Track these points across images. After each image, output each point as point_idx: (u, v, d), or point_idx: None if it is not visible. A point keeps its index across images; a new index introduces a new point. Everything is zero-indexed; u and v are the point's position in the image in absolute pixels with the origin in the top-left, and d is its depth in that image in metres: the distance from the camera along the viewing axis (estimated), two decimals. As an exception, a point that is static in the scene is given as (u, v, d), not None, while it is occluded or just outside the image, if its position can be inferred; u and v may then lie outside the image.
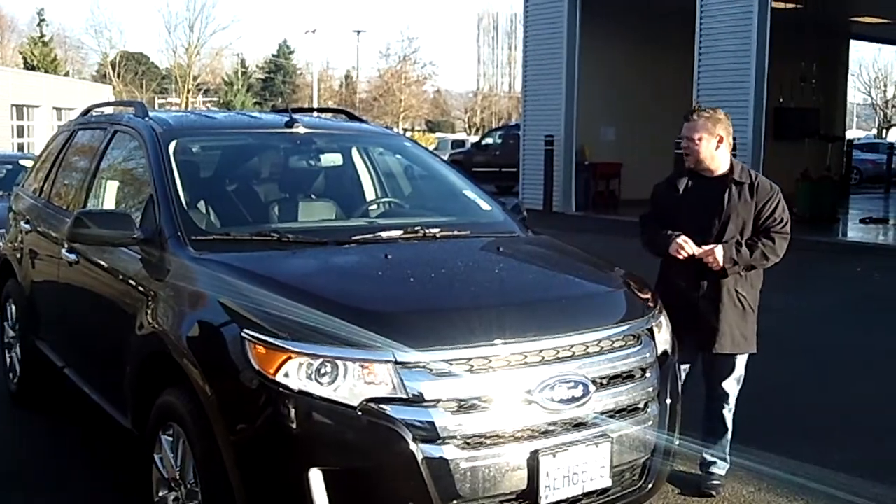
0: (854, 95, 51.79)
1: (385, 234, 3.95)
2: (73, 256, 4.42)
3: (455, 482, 2.90)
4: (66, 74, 49.86)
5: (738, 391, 4.34)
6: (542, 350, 3.09)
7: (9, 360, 5.83)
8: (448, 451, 2.89)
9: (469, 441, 2.93)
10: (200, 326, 3.30)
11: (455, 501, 2.92)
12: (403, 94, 57.99)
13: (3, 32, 56.18)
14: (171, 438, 3.34)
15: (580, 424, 3.13)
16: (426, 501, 2.88)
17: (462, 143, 36.59)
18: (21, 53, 50.40)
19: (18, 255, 5.55)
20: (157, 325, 3.50)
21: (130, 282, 3.87)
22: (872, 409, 5.61)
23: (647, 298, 3.70)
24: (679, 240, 4.11)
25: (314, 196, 4.73)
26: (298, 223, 4.31)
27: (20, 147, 30.27)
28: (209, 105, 57.95)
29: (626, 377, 3.30)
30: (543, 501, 3.04)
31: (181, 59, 55.62)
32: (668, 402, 3.49)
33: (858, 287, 10.30)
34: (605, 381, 3.22)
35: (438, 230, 4.03)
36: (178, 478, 3.30)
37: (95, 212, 4.28)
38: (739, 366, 4.29)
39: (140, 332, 3.62)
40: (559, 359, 3.12)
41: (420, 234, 3.96)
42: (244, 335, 3.00)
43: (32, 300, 5.31)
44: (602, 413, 3.18)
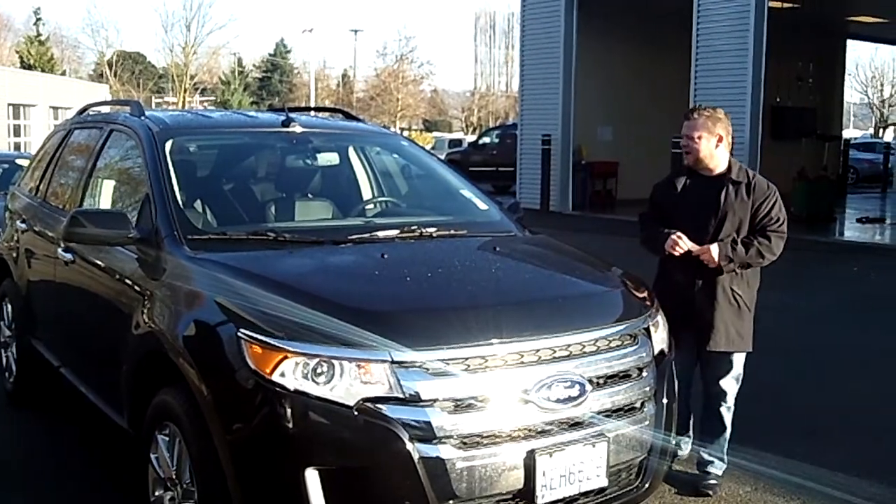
0: (851, 95, 51.97)
1: (382, 234, 3.94)
2: (70, 256, 4.41)
3: (451, 482, 2.89)
4: (63, 74, 49.79)
5: (737, 390, 4.34)
6: (539, 350, 3.09)
7: (5, 360, 5.82)
8: (444, 451, 2.88)
9: (466, 440, 2.92)
10: (197, 326, 3.29)
11: (451, 501, 2.92)
12: (400, 94, 58.00)
13: (0, 31, 56.10)
14: (168, 438, 3.33)
15: (577, 424, 3.13)
16: (423, 501, 2.88)
17: (459, 143, 36.62)
18: (17, 52, 50.31)
19: (14, 255, 5.54)
20: (154, 325, 3.50)
21: (127, 281, 3.87)
22: (869, 409, 5.62)
23: (644, 298, 3.70)
24: (674, 236, 4.14)
25: (311, 195, 4.73)
26: (295, 222, 4.31)
27: (16, 146, 30.24)
28: (206, 104, 57.88)
29: (623, 377, 3.30)
30: (540, 501, 3.04)
31: (178, 59, 55.63)
32: (665, 402, 3.48)
33: (855, 286, 10.31)
34: (602, 381, 3.21)
35: (435, 230, 4.02)
36: (175, 477, 3.29)
37: (91, 211, 4.28)
38: (737, 364, 4.29)
39: (136, 332, 3.61)
40: (556, 358, 3.11)
41: (417, 234, 3.96)
42: (240, 334, 2.99)
43: (29, 299, 5.30)
44: (599, 412, 3.18)
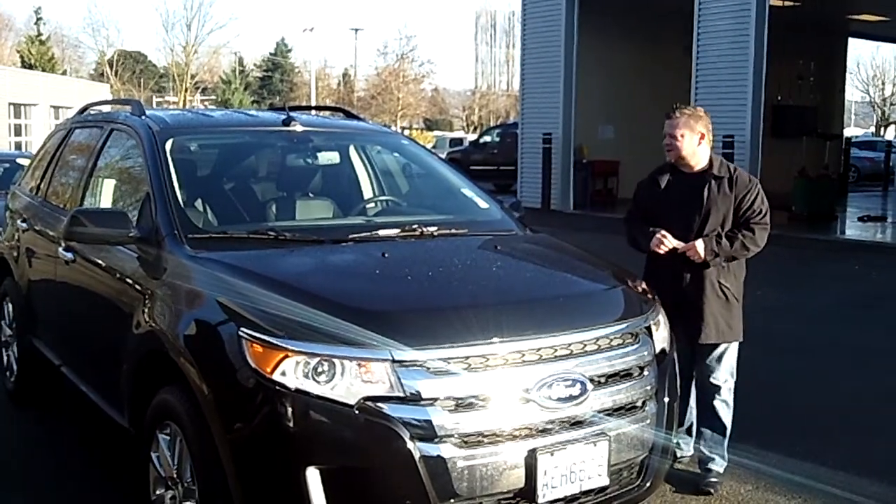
0: (852, 93, 51.96)
1: (382, 233, 3.94)
2: (70, 255, 4.41)
3: (452, 481, 2.89)
4: (64, 73, 49.80)
5: (734, 385, 4.35)
6: (540, 348, 3.09)
7: (6, 359, 5.82)
8: (445, 450, 2.88)
9: (466, 439, 2.92)
10: (197, 325, 3.29)
11: (452, 500, 2.91)
12: (401, 93, 57.97)
13: (1, 31, 56.12)
14: (168, 437, 3.33)
15: (578, 423, 3.12)
16: (423, 500, 2.87)
17: (460, 142, 36.61)
18: (18, 52, 50.34)
19: (15, 254, 5.54)
20: (154, 324, 3.49)
21: (127, 280, 3.87)
22: (870, 408, 5.61)
23: (646, 296, 3.70)
24: (658, 235, 4.22)
25: (311, 194, 4.73)
26: (296, 221, 4.30)
27: (17, 146, 30.25)
28: (207, 103, 57.90)
29: (624, 375, 3.29)
30: (541, 500, 3.04)
31: (179, 58, 55.65)
32: (667, 401, 3.48)
33: (856, 285, 10.30)
34: (603, 380, 3.21)
35: (436, 228, 4.02)
36: (175, 476, 3.29)
37: (92, 210, 4.27)
38: (729, 356, 4.33)
39: (137, 331, 3.61)
40: (557, 357, 3.11)
41: (417, 233, 3.95)
42: (241, 334, 2.99)
43: (29, 299, 5.30)
44: (600, 411, 3.17)
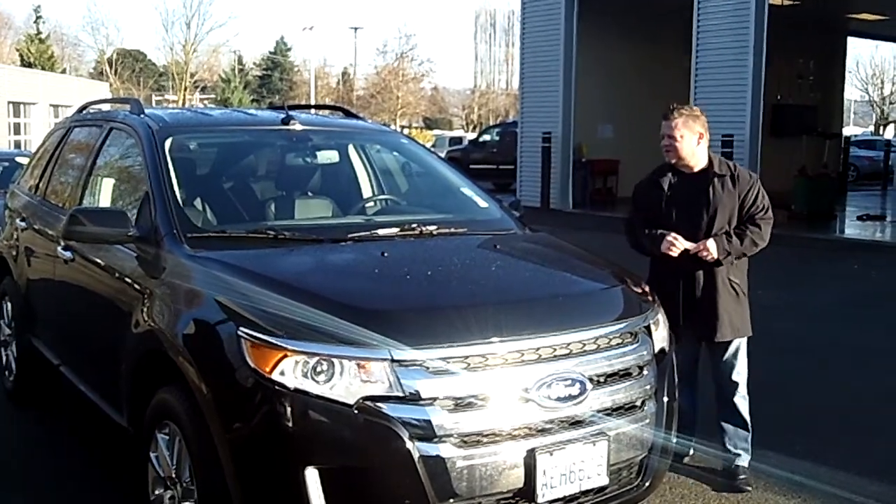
0: (851, 92, 51.88)
1: (381, 232, 3.94)
2: (69, 254, 4.41)
3: (452, 480, 2.89)
4: (63, 72, 49.76)
5: (747, 378, 4.41)
6: (539, 348, 3.09)
7: (5, 359, 5.82)
8: (445, 450, 2.88)
9: (466, 439, 2.92)
10: (196, 324, 3.28)
11: (452, 500, 2.91)
12: (401, 91, 57.92)
13: (0, 30, 56.08)
14: (167, 437, 3.33)
15: (577, 422, 3.12)
16: (423, 500, 2.87)
17: (459, 141, 36.59)
18: (18, 50, 50.34)
19: (14, 253, 5.54)
20: (153, 323, 3.49)
21: (126, 279, 3.86)
22: (869, 407, 5.61)
23: (645, 295, 3.70)
24: (669, 237, 4.21)
25: (311, 193, 4.72)
26: (295, 221, 4.29)
27: (16, 144, 30.25)
28: (206, 102, 57.87)
29: (624, 375, 3.29)
30: (540, 500, 3.04)
31: (178, 57, 55.61)
32: (666, 400, 3.48)
33: (856, 284, 10.30)
34: (603, 379, 3.21)
35: (435, 228, 4.02)
36: (174, 476, 3.29)
37: (91, 209, 4.27)
38: (742, 351, 4.38)
39: (136, 330, 3.60)
40: (556, 357, 3.11)
41: (417, 232, 3.95)
42: (240, 333, 2.99)
43: (28, 298, 5.30)
44: (599, 411, 3.17)
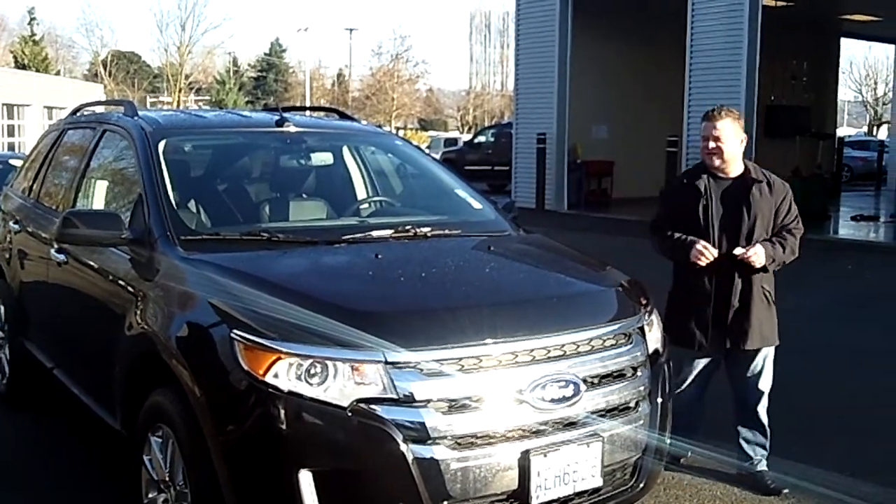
0: (845, 93, 51.99)
1: (376, 234, 3.93)
2: (62, 257, 4.39)
3: (446, 482, 2.89)
4: (58, 73, 49.65)
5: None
6: (533, 349, 3.09)
7: (-2, 361, 5.80)
8: (438, 452, 2.88)
9: (460, 441, 2.92)
10: (190, 327, 3.28)
11: (446, 502, 2.91)
12: (396, 93, 57.92)
13: (-6, 31, 55.95)
14: (161, 440, 3.32)
15: (571, 424, 3.12)
16: (416, 502, 2.87)
17: (454, 142, 36.57)
18: (12, 52, 50.16)
19: (7, 256, 5.52)
20: (147, 326, 3.48)
21: (120, 282, 3.85)
22: (864, 408, 5.61)
23: (639, 297, 3.69)
24: (699, 246, 4.11)
25: (305, 195, 4.72)
26: (289, 223, 4.28)
27: (10, 146, 30.21)
28: (201, 104, 57.78)
29: (618, 376, 3.29)
30: (534, 501, 3.03)
31: (173, 58, 55.57)
32: (660, 401, 3.48)
33: (849, 285, 10.32)
34: (596, 381, 3.21)
35: (429, 229, 4.01)
36: (168, 479, 3.28)
37: (84, 212, 4.26)
38: (770, 360, 4.34)
39: (129, 333, 3.60)
40: (550, 358, 3.11)
41: (411, 234, 3.95)
42: (233, 336, 2.98)
43: (21, 301, 5.28)
44: (593, 412, 3.17)
